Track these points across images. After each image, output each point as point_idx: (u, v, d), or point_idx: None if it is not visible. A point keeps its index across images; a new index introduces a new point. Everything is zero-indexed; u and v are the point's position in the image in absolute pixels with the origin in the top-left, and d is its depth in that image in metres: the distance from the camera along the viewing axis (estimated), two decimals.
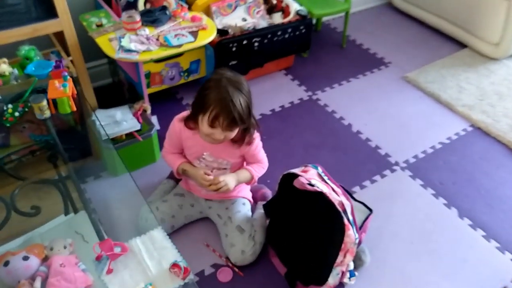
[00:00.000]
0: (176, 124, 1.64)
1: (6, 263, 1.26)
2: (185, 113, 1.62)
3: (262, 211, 1.80)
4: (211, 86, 1.44)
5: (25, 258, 1.27)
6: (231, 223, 1.70)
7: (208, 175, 1.62)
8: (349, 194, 1.71)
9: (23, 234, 1.47)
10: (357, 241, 1.43)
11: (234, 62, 2.42)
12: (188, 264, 1.11)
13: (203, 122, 1.47)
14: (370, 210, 1.68)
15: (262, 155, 1.72)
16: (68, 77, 1.57)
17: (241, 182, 1.70)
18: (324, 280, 1.50)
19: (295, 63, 2.81)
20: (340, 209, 1.42)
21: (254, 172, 1.69)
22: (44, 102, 1.49)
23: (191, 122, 1.57)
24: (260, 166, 1.73)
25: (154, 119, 2.18)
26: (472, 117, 2.45)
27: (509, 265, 1.76)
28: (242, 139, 1.57)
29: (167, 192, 1.87)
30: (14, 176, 1.71)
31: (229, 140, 1.55)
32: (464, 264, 1.75)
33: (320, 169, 1.59)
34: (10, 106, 1.54)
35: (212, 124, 1.44)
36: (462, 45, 3.06)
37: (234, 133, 1.51)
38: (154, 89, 2.20)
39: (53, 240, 1.36)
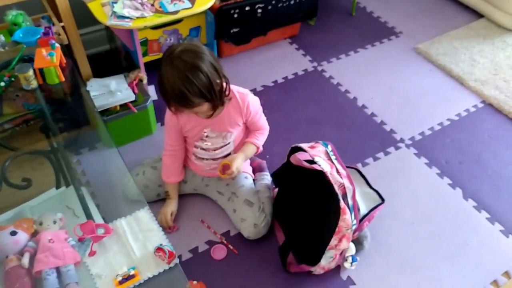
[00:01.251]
0: (170, 113, 1.53)
1: None
2: None
3: (264, 182, 1.78)
4: (162, 73, 1.33)
5: (13, 233, 1.24)
6: (237, 198, 1.67)
7: (169, 225, 1.70)
8: (365, 179, 1.67)
9: (13, 206, 1.45)
10: (354, 227, 1.38)
11: (235, 30, 2.31)
12: (173, 248, 1.07)
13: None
14: (383, 200, 1.63)
15: (262, 121, 1.68)
16: (56, 46, 1.49)
17: (248, 157, 1.68)
18: (317, 260, 1.46)
19: (301, 32, 2.69)
20: (339, 191, 1.36)
21: (258, 143, 1.67)
22: (30, 72, 1.42)
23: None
24: (261, 133, 1.69)
25: (151, 89, 2.11)
26: (484, 92, 2.34)
27: None
28: (220, 102, 1.46)
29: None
30: (5, 146, 1.68)
31: (212, 108, 1.45)
32: (466, 247, 1.71)
33: (330, 148, 1.54)
34: None
35: (178, 111, 1.41)
36: (478, 15, 2.89)
37: (204, 106, 1.41)
38: (151, 57, 2.12)
39: (43, 215, 1.33)
